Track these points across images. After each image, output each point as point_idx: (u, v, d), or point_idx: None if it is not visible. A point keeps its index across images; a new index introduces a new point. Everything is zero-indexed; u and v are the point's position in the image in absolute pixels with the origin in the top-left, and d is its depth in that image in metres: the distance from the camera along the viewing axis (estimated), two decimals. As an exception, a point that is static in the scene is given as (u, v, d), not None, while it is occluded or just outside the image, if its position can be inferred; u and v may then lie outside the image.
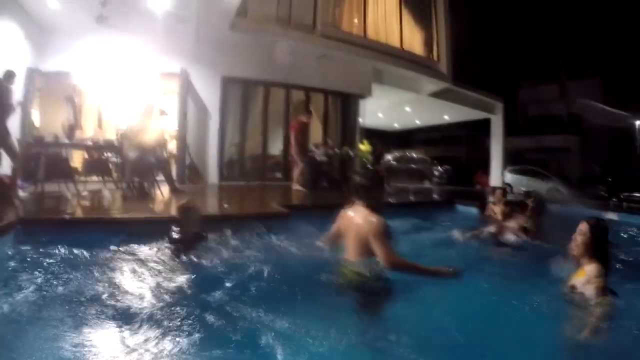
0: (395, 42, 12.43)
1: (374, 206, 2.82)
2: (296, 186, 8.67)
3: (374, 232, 2.66)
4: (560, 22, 28.83)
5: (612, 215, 5.71)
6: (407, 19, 13.01)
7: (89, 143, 7.91)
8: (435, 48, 14.07)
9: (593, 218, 2.72)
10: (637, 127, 21.79)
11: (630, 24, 24.30)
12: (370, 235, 2.67)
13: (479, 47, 25.67)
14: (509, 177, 17.33)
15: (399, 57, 12.22)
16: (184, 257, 3.76)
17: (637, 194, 13.39)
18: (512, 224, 4.61)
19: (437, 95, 14.00)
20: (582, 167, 25.18)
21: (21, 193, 6.04)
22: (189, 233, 3.89)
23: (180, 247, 3.81)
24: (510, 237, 4.51)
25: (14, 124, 7.09)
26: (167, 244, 3.94)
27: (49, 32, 8.72)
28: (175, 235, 3.87)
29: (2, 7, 7.47)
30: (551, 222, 4.95)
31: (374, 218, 2.72)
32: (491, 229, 4.75)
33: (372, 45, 11.54)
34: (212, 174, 10.06)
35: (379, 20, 12.15)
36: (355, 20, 11.68)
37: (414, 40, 13.33)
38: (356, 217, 2.83)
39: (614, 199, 11.55)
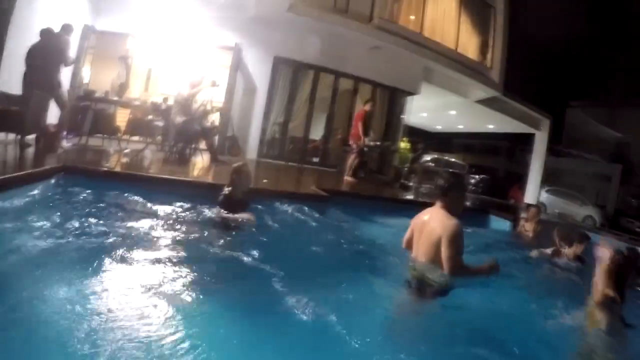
0: (450, 43, 12.24)
1: (453, 209, 2.86)
2: (347, 176, 8.70)
3: (448, 235, 2.70)
4: (621, 45, 27.66)
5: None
6: (465, 21, 12.77)
7: (137, 103, 8.19)
8: (489, 55, 13.77)
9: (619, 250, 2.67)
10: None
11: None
12: (443, 238, 2.71)
13: (534, 60, 24.92)
14: (545, 197, 16.94)
15: (452, 58, 12.03)
16: (228, 217, 3.89)
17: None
18: (569, 250, 4.63)
19: (485, 102, 13.74)
20: (620, 199, 24.28)
21: (65, 143, 6.25)
22: (239, 195, 4.04)
23: (227, 206, 3.94)
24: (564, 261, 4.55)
25: (66, 77, 7.34)
26: (213, 206, 4.04)
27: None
28: (225, 193, 4.00)
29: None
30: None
31: (451, 221, 2.76)
32: (548, 251, 4.76)
33: (426, 43, 11.41)
34: (252, 149, 10.26)
35: (436, 19, 11.97)
36: (412, 17, 11.55)
37: (469, 44, 13.08)
38: (433, 218, 2.87)
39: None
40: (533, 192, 15.58)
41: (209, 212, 4.13)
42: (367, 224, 5.67)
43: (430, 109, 14.78)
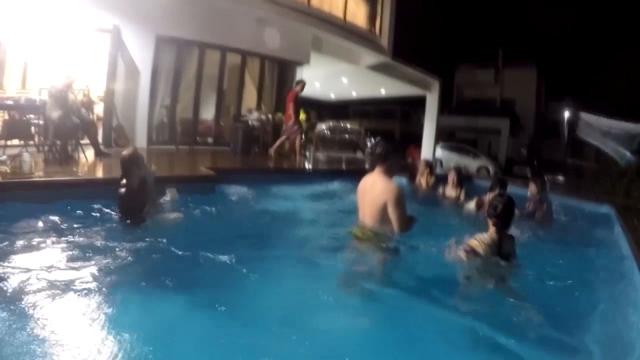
0: (338, 12, 12.44)
1: (391, 173, 3.02)
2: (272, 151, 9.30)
3: (394, 198, 2.87)
4: (502, 9, 30.13)
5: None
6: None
7: (9, 102, 7.30)
8: (378, 22, 14.27)
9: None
10: (564, 117, 23.59)
11: (569, 16, 25.96)
12: (390, 201, 2.87)
13: (420, 26, 26.29)
14: (440, 153, 18.24)
15: (341, 27, 12.26)
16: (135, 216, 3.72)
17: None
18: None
19: (376, 68, 14.24)
20: (511, 149, 26.96)
21: None
22: (136, 185, 3.80)
23: (130, 202, 3.74)
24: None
25: None
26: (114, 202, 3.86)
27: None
28: (122, 190, 3.75)
29: None
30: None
31: (393, 184, 2.93)
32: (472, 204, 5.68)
33: (314, 13, 11.45)
34: (141, 137, 9.62)
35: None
36: (299, -13, 11.48)
37: (357, 12, 13.40)
38: (376, 183, 2.99)
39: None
40: (429, 150, 16.66)
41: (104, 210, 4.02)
42: (264, 198, 5.78)
43: (322, 78, 14.97)
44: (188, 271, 3.04)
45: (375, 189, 2.97)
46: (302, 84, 9.49)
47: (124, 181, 3.77)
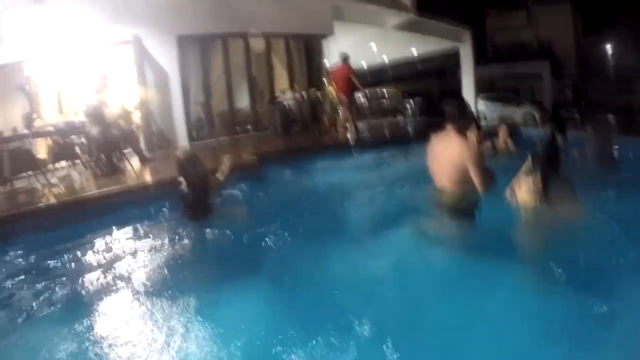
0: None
1: (464, 130, 2.85)
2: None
3: (472, 155, 2.73)
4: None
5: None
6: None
7: (50, 129, 7.63)
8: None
9: None
10: (607, 51, 21.88)
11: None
12: (468, 160, 2.73)
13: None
14: (482, 105, 17.36)
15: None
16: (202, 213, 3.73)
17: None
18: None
19: (402, 27, 13.65)
20: (554, 92, 25.37)
21: None
22: (195, 181, 3.77)
23: (192, 199, 3.73)
24: None
25: None
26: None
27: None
28: (183, 188, 3.73)
29: None
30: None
31: (468, 141, 2.78)
32: None
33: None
34: (181, 137, 9.73)
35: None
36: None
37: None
38: (450, 143, 2.86)
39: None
40: (470, 103, 15.90)
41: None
42: (315, 176, 5.70)
43: (349, 47, 14.44)
44: (258, 258, 3.04)
45: (450, 149, 2.83)
46: (346, 56, 9.04)
47: (183, 180, 3.74)
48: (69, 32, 8.45)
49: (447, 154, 2.85)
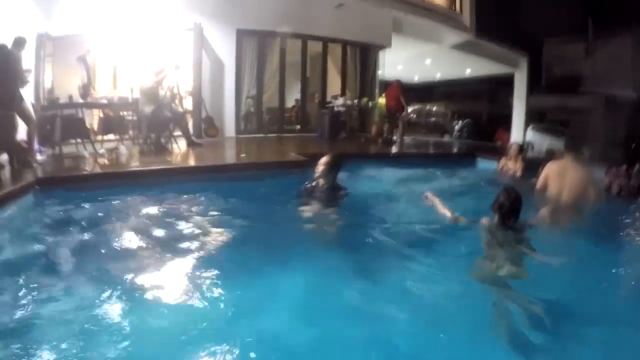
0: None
1: (581, 159, 4.08)
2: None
3: (592, 178, 4.00)
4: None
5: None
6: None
7: (104, 102, 7.95)
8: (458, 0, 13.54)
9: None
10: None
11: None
12: (589, 181, 3.90)
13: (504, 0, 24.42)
14: (531, 136, 16.85)
15: (421, 7, 11.74)
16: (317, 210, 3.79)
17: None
18: None
19: (459, 47, 13.48)
20: (607, 129, 24.30)
21: (39, 157, 5.99)
22: (327, 187, 3.85)
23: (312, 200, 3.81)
24: None
25: (28, 89, 6.90)
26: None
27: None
28: (313, 191, 3.83)
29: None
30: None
31: (588, 168, 4.08)
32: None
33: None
34: (229, 127, 9.97)
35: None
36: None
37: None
38: (574, 167, 3.96)
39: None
40: (519, 132, 15.50)
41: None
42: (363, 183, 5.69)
43: (405, 61, 14.46)
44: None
45: (576, 173, 3.90)
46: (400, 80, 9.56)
47: (319, 182, 3.80)
48: (133, 12, 8.81)
49: (575, 176, 3.87)
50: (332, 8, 10.35)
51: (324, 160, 3.84)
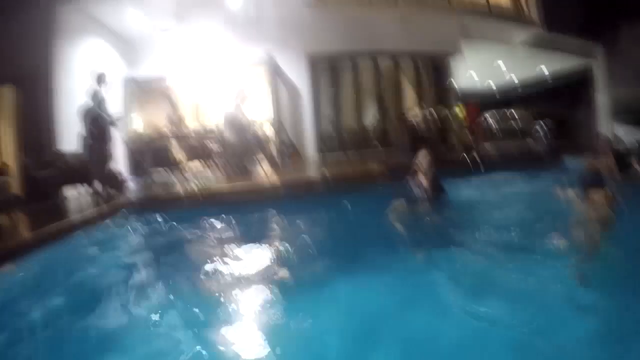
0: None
1: None
2: None
3: None
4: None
5: None
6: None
7: (192, 135, 8.73)
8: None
9: None
10: None
11: None
12: None
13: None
14: (619, 129, 15.68)
15: (486, 11, 11.67)
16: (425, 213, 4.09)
17: None
18: None
19: (530, 44, 12.95)
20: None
21: (132, 184, 6.91)
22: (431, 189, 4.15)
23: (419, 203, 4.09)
24: None
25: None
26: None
27: (135, 43, 9.76)
28: (416, 189, 4.11)
29: (86, 30, 8.36)
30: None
31: None
32: None
33: (456, 5, 11.21)
34: (310, 149, 10.39)
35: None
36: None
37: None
38: None
39: None
40: (606, 126, 14.48)
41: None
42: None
43: (477, 67, 14.12)
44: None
45: None
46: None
47: (423, 183, 4.10)
48: (208, 51, 9.71)
49: None
50: (398, 23, 10.48)
51: (422, 154, 4.06)
